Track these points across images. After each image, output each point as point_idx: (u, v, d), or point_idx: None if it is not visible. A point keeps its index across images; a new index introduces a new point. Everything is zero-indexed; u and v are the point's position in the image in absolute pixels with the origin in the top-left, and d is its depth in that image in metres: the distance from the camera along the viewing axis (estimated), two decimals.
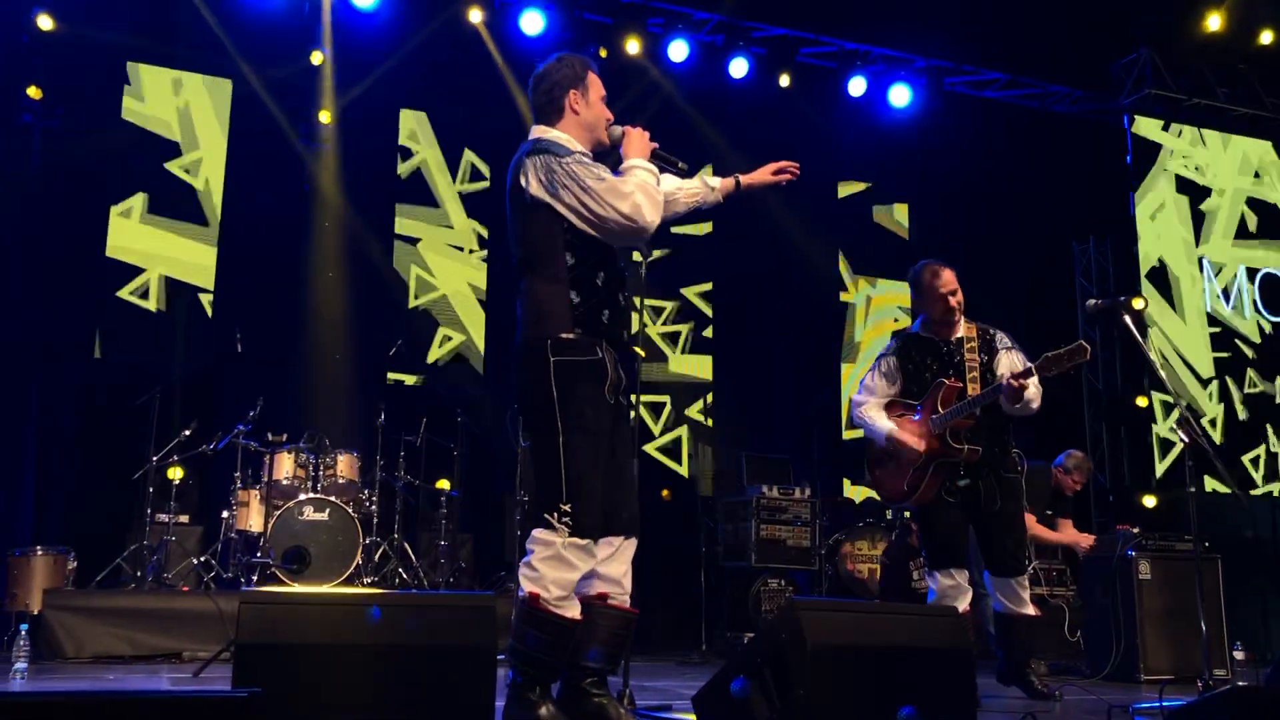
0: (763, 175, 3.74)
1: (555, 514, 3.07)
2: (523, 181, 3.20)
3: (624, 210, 3.10)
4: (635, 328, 3.47)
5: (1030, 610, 4.73)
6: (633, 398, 3.44)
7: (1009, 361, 4.67)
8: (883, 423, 4.71)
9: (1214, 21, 9.15)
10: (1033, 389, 4.52)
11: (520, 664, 3.09)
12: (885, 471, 4.78)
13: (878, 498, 5.09)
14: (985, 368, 4.67)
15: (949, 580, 4.57)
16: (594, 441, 3.14)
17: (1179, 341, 9.81)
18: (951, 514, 4.63)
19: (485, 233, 8.58)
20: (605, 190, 3.11)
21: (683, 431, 8.93)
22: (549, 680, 3.14)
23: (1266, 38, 9.35)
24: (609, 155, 3.39)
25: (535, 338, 3.18)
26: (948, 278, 4.76)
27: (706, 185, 3.64)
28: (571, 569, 3.07)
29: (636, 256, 3.51)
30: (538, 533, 3.10)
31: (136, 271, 7.67)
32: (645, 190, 3.15)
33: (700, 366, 9.11)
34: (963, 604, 4.54)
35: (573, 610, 3.10)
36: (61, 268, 7.43)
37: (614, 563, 3.24)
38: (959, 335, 4.77)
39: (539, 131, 3.35)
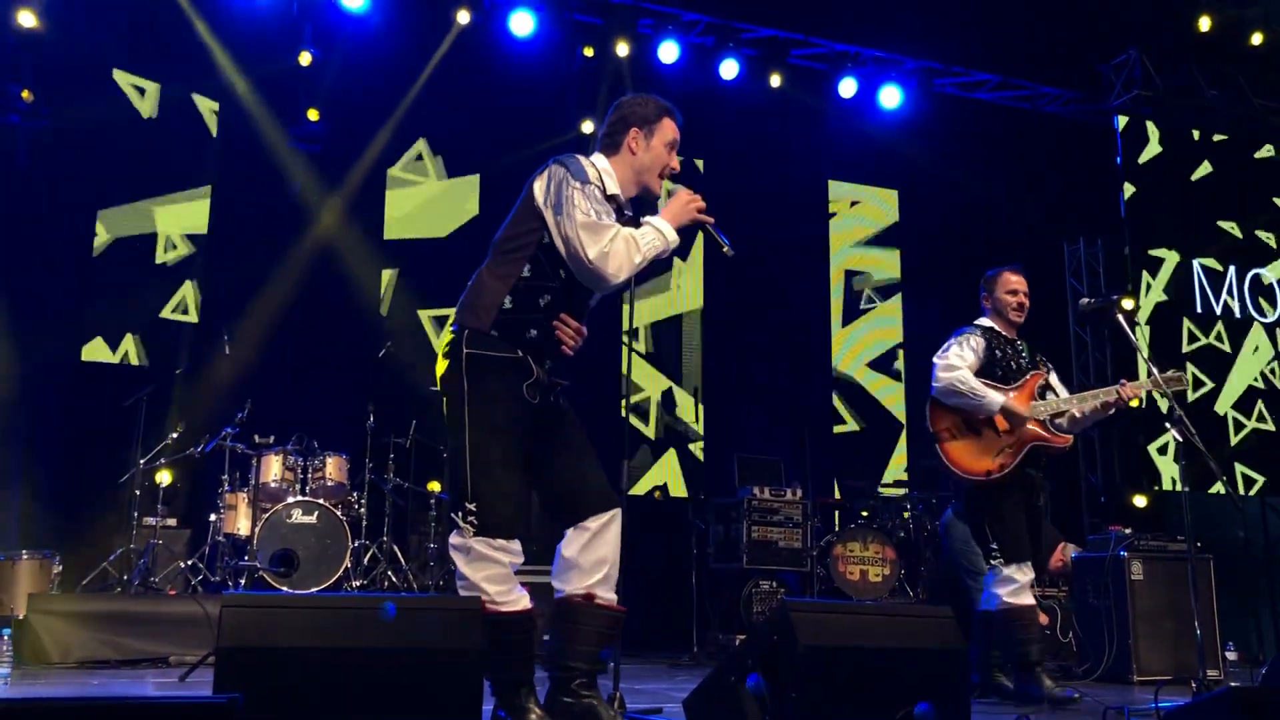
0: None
1: (460, 513, 3.04)
2: (536, 183, 3.22)
3: (590, 254, 3.07)
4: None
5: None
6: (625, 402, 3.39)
7: (1057, 380, 4.85)
8: (994, 393, 4.63)
9: (1204, 23, 9.17)
10: None
11: (492, 671, 3.05)
12: (965, 444, 4.66)
13: (959, 471, 4.69)
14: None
15: (1024, 575, 4.53)
16: (502, 440, 3.08)
17: (1170, 342, 9.82)
18: (1021, 504, 4.63)
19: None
20: (585, 226, 3.09)
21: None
22: (526, 677, 3.10)
23: (1256, 39, 9.37)
24: (653, 207, 3.36)
25: (458, 324, 3.17)
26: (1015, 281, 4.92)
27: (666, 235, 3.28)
28: (495, 563, 3.04)
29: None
30: (452, 539, 3.08)
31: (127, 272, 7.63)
32: (627, 244, 3.11)
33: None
34: (1031, 599, 4.55)
35: (520, 602, 3.07)
36: (49, 269, 7.37)
37: (594, 547, 3.14)
38: (1021, 341, 4.92)
39: (594, 156, 3.34)
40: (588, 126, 8.38)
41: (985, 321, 4.90)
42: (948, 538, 6.73)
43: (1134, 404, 7.94)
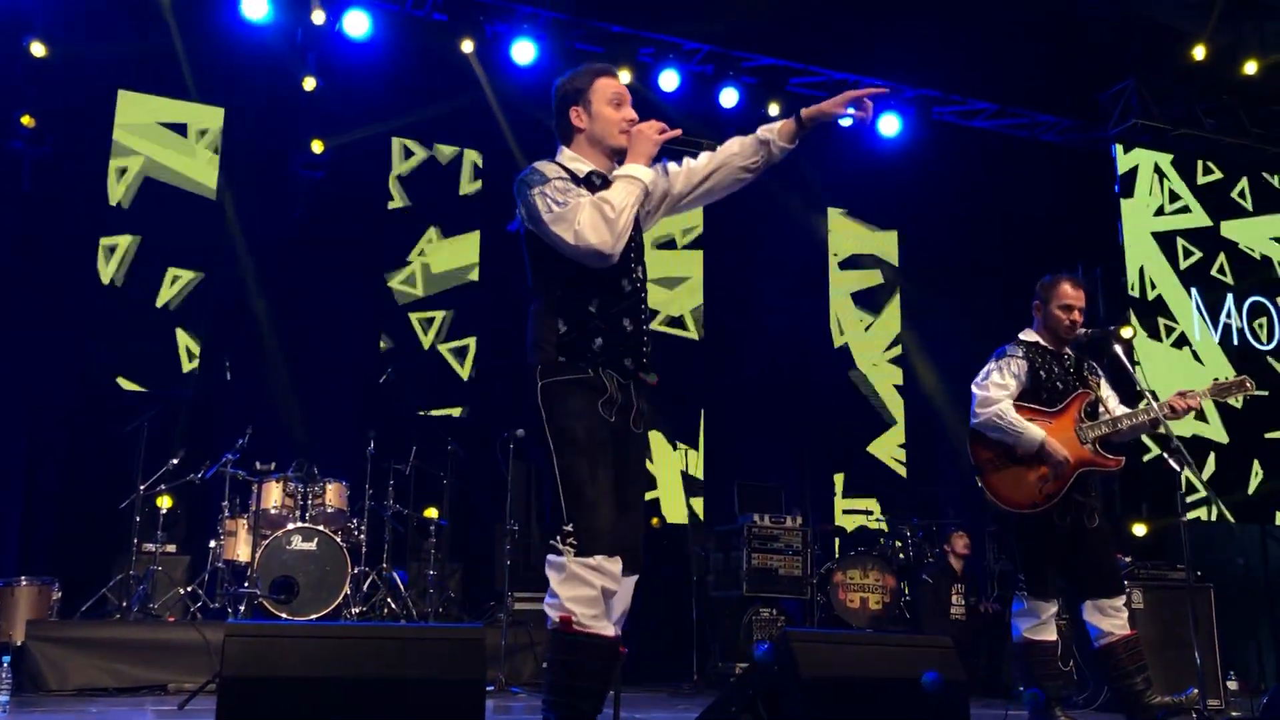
0: (831, 106, 3.38)
1: (560, 536, 2.96)
2: (518, 211, 3.21)
3: (570, 239, 3.01)
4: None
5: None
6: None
7: (1109, 390, 4.56)
8: (1034, 428, 4.36)
9: (1199, 52, 9.25)
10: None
11: (562, 699, 2.86)
12: (1009, 475, 4.43)
13: (1003, 504, 4.46)
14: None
15: (1046, 610, 4.40)
16: (587, 453, 3.01)
17: (1168, 370, 9.83)
18: (1062, 536, 4.40)
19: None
20: (553, 220, 3.04)
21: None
22: (593, 712, 2.92)
23: (1250, 68, 9.45)
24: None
25: (529, 365, 3.15)
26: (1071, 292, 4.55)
27: (758, 140, 3.36)
28: (589, 586, 2.91)
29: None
30: (550, 558, 2.98)
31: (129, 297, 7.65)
32: (595, 207, 3.02)
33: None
34: (1052, 635, 4.42)
35: (610, 629, 2.95)
36: (52, 296, 7.40)
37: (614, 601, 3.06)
38: (1069, 352, 4.62)
39: (559, 156, 3.30)
40: None
41: (1030, 336, 4.60)
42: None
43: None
